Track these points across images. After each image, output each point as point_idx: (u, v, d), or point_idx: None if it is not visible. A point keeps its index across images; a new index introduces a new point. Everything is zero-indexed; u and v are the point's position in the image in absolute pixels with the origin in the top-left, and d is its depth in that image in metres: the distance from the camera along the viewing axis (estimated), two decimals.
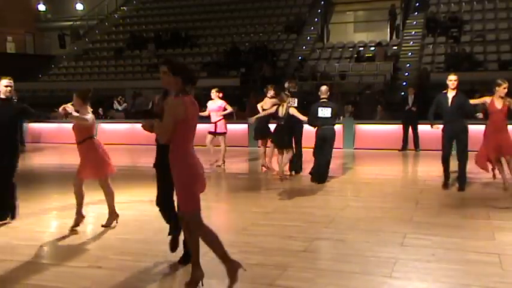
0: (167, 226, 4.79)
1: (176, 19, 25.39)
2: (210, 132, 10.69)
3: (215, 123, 10.69)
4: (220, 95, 10.85)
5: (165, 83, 3.95)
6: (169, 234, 4.82)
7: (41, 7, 31.99)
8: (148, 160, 10.58)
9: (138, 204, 7.37)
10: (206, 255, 4.15)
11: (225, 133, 10.84)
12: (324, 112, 8.58)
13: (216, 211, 6.78)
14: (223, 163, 10.86)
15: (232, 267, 4.00)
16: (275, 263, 4.63)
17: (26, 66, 23.91)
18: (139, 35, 24.26)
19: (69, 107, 5.62)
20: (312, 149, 8.97)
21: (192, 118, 3.90)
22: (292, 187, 8.93)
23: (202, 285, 4.06)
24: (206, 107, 10.66)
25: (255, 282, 4.23)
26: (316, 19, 22.84)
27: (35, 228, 6.14)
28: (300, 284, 4.27)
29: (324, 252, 5.19)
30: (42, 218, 6.60)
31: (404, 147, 13.49)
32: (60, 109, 5.63)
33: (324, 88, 8.82)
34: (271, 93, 9.98)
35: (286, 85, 9.81)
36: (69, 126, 6.15)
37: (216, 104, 10.76)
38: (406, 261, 4.76)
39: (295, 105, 9.32)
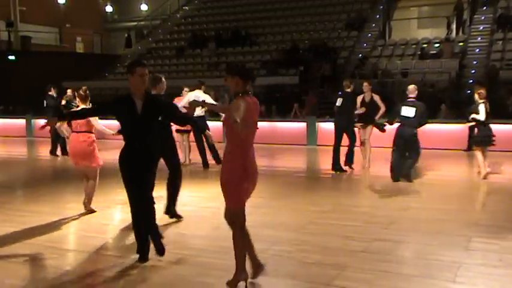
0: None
1: (236, 18, 25.66)
2: (177, 131, 10.34)
3: None
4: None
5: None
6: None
7: (108, 8, 33.31)
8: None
9: (197, 200, 7.51)
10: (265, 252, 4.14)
11: (189, 131, 10.69)
12: (408, 111, 8.41)
13: (273, 209, 6.79)
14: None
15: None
16: (333, 262, 4.57)
17: (94, 65, 25.02)
18: (200, 34, 24.71)
19: None
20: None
21: (250, 116, 3.88)
22: (349, 186, 8.80)
23: (246, 287, 4.05)
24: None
25: (312, 281, 4.21)
26: (378, 16, 22.38)
27: (100, 221, 6.39)
28: (358, 284, 4.20)
29: (383, 253, 5.07)
30: (106, 211, 6.84)
31: (470, 147, 12.94)
32: None
33: (411, 87, 8.67)
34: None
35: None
36: None
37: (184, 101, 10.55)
38: (470, 266, 4.58)
39: None
